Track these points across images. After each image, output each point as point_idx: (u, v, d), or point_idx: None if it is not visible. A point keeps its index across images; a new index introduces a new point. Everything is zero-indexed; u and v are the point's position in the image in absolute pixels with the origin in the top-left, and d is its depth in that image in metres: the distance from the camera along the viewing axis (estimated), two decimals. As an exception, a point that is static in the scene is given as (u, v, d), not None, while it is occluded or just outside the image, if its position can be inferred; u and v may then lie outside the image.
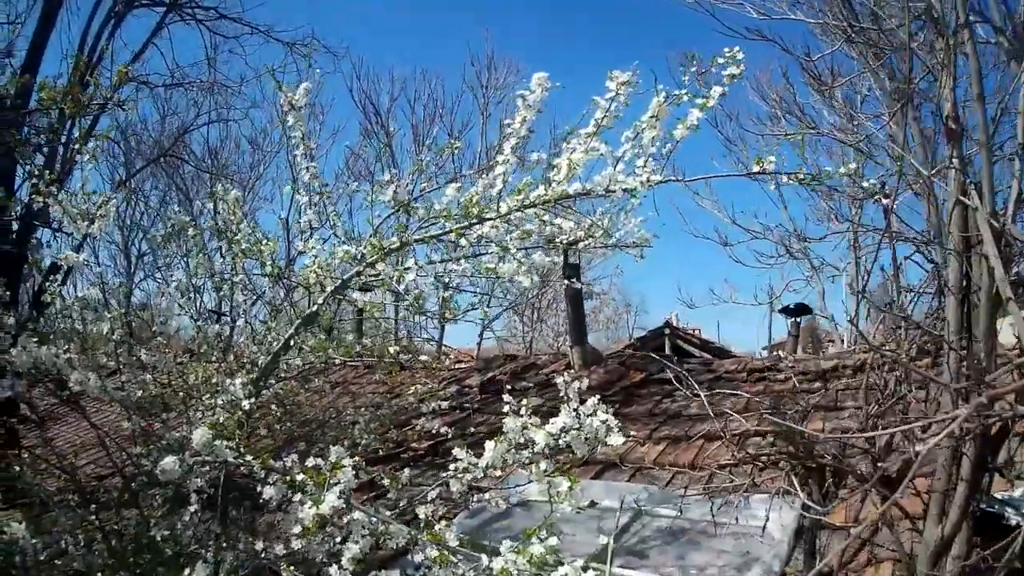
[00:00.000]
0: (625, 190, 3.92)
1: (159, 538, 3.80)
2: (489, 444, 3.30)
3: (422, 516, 3.69)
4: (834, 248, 19.42)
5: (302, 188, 4.57)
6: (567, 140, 4.05)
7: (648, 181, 3.88)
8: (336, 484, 2.99)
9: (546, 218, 4.16)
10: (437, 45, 43.27)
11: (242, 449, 3.16)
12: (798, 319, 11.67)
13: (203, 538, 4.02)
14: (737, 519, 4.37)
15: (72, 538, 4.11)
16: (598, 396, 3.54)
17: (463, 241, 4.21)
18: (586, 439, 3.30)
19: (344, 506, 2.91)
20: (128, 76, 7.71)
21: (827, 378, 7.07)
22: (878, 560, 3.93)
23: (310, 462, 3.02)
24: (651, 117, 3.86)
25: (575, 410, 3.35)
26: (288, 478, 2.97)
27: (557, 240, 4.55)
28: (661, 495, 5.15)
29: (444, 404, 6.58)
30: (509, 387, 8.12)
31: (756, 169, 3.83)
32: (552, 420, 3.28)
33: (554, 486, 3.05)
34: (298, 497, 3.02)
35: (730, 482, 4.44)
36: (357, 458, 3.24)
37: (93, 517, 4.16)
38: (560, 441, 3.31)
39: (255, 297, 5.04)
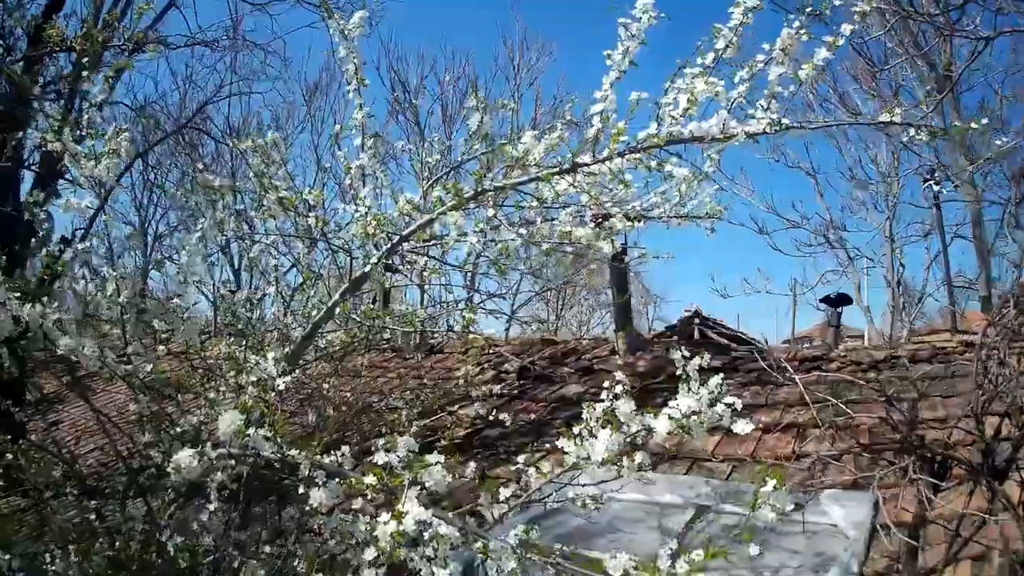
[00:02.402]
0: (749, 134, 3.38)
1: (172, 548, 2.88)
2: (603, 433, 2.61)
3: (492, 518, 3.08)
4: (869, 240, 18.70)
5: (355, 129, 3.67)
6: (672, 80, 3.49)
7: (779, 124, 3.36)
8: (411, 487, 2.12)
9: (652, 164, 3.53)
10: (466, 17, 41.17)
11: (279, 439, 2.26)
12: (839, 309, 10.81)
13: (222, 545, 3.11)
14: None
15: (65, 542, 3.22)
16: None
17: (547, 193, 3.60)
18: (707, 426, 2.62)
19: (432, 519, 2.01)
20: (151, 6, 6.80)
21: (879, 368, 6.48)
22: (957, 559, 3.48)
23: (379, 458, 2.10)
24: (780, 51, 3.35)
25: (694, 391, 2.67)
26: (352, 481, 2.06)
27: (629, 207, 4.04)
28: (725, 490, 4.61)
29: (496, 388, 5.74)
30: (549, 373, 7.39)
31: (884, 119, 3.49)
32: (671, 403, 2.63)
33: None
34: (358, 503, 2.15)
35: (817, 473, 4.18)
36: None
37: (93, 516, 3.26)
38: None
39: (292, 265, 4.12)
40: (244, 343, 3.75)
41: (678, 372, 3.03)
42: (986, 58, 10.94)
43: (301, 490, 2.42)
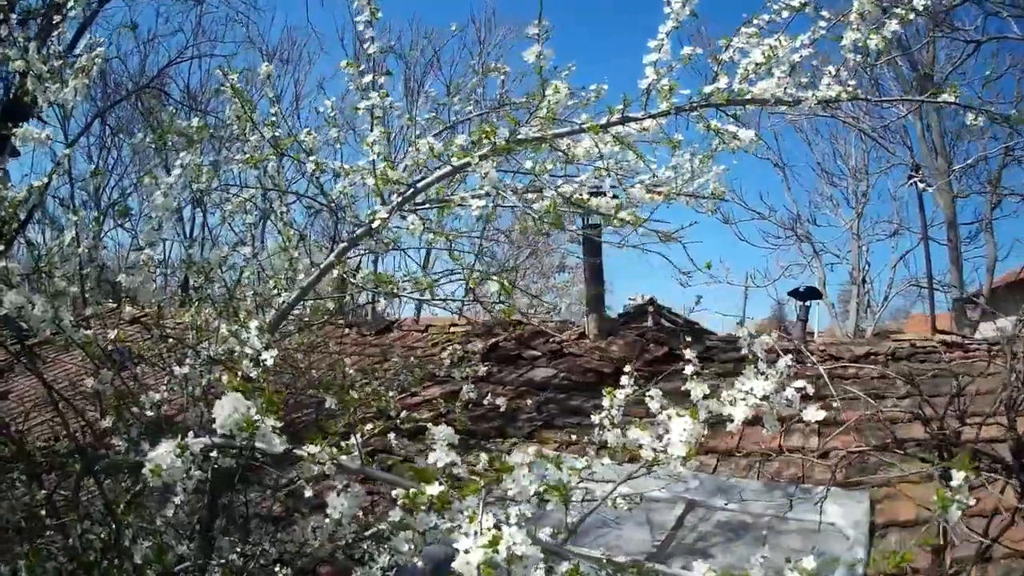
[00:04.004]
0: (820, 100, 3.10)
1: (139, 557, 2.27)
2: (679, 422, 2.18)
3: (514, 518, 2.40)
4: (837, 236, 18.57)
5: (364, 64, 3.18)
6: (728, 40, 3.15)
7: (854, 92, 3.11)
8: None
9: (713, 123, 3.13)
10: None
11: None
12: (807, 303, 10.43)
13: (196, 553, 2.52)
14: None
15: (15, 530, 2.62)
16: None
17: (579, 150, 3.20)
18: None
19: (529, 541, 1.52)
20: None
21: (860, 363, 5.96)
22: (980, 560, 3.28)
23: (439, 458, 1.57)
24: (857, 15, 3.05)
25: (763, 374, 2.33)
26: (413, 493, 1.51)
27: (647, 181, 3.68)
28: (714, 484, 4.30)
29: (482, 370, 5.28)
30: (516, 355, 6.87)
31: (945, 97, 3.16)
32: (743, 387, 2.28)
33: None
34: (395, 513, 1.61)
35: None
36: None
37: (43, 509, 2.65)
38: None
39: (262, 218, 3.53)
40: (220, 310, 3.14)
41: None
42: (968, 62, 10.91)
43: (308, 493, 1.86)
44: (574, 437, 4.57)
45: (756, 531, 3.90)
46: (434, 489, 1.56)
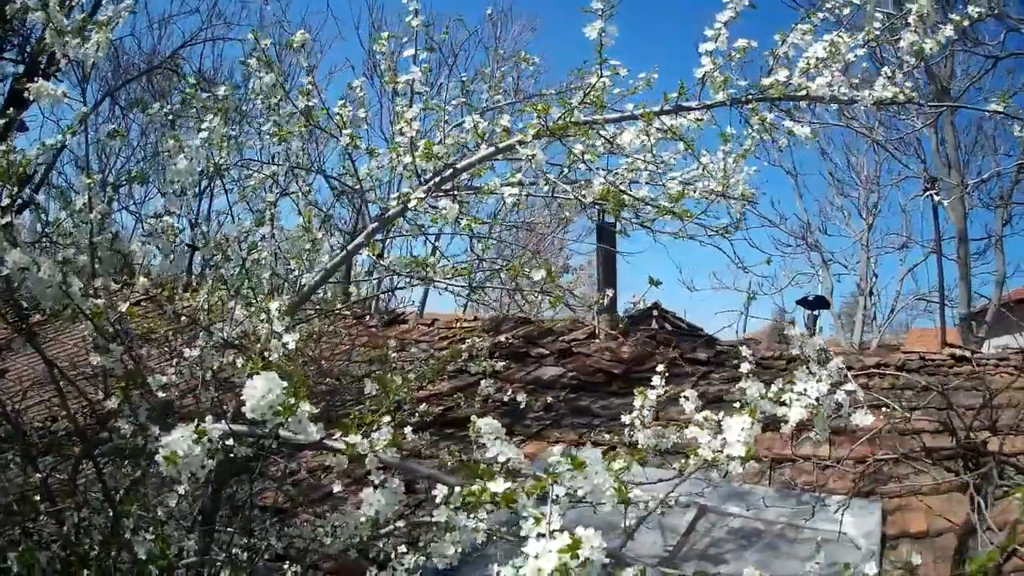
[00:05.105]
0: (877, 100, 3.05)
1: (142, 553, 2.05)
2: (737, 420, 2.04)
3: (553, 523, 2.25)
4: (846, 247, 18.37)
5: (411, 39, 2.97)
6: (782, 36, 3.08)
7: (909, 94, 3.07)
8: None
9: (769, 118, 3.05)
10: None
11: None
12: (816, 312, 10.23)
13: (201, 547, 2.30)
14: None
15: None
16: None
17: (625, 137, 3.04)
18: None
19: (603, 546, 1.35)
20: None
21: (870, 375, 5.81)
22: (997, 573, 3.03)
23: (501, 452, 1.45)
24: (916, 17, 3.03)
25: (814, 375, 2.32)
26: (469, 493, 1.34)
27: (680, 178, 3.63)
28: (726, 490, 4.15)
29: (499, 365, 5.14)
30: (524, 352, 6.68)
31: (994, 107, 3.22)
32: (795, 388, 2.25)
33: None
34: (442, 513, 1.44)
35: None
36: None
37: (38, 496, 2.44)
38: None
39: (279, 194, 3.33)
40: (234, 289, 2.92)
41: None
42: (985, 78, 10.94)
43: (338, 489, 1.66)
44: (607, 436, 4.42)
45: (768, 538, 3.81)
46: (498, 486, 1.36)
